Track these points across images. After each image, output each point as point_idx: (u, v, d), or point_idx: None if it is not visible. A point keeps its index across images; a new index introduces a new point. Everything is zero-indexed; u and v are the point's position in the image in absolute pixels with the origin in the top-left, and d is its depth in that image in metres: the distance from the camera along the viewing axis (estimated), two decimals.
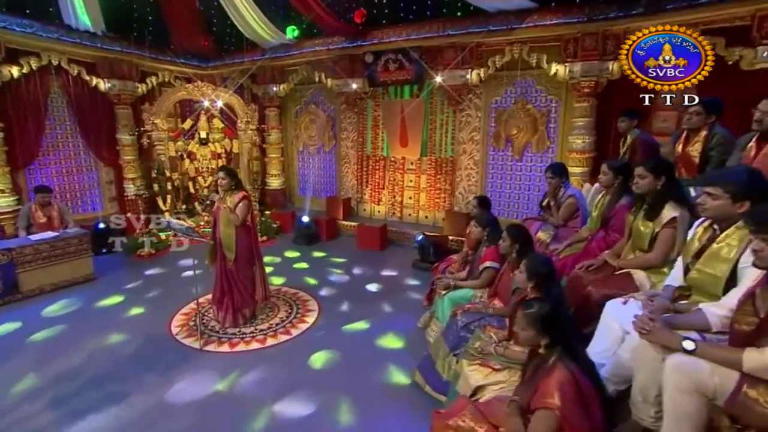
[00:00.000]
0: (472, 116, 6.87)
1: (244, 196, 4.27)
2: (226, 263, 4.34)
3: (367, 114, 7.94)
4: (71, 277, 5.41)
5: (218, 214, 4.28)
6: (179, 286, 5.52)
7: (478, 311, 3.43)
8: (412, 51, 6.68)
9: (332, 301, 5.08)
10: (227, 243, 4.26)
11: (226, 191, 4.28)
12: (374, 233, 7.05)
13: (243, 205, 4.22)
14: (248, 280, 4.48)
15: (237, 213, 4.18)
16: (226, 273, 4.38)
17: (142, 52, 7.68)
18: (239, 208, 4.20)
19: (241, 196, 4.24)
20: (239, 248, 4.29)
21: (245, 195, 4.28)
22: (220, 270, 4.39)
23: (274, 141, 8.64)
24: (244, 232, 4.32)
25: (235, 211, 4.19)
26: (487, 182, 6.98)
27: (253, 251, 4.44)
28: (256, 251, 4.47)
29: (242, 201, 4.22)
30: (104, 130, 7.62)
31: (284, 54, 7.81)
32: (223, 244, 4.29)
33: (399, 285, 5.65)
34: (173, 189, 7.52)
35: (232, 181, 4.27)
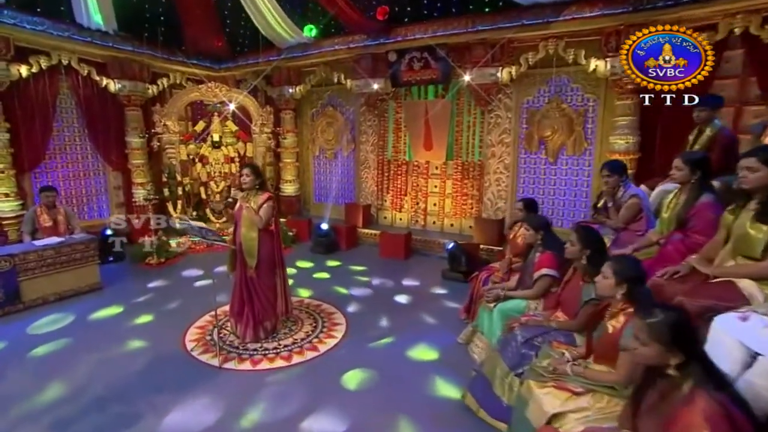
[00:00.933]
0: (501, 117, 6.55)
1: (270, 197, 3.94)
2: (247, 271, 3.99)
3: (389, 116, 7.65)
4: (76, 286, 5.08)
5: (240, 215, 3.94)
6: (192, 296, 5.18)
7: (538, 325, 3.05)
8: (439, 48, 6.39)
9: (360, 314, 4.71)
10: (249, 248, 3.91)
11: (249, 190, 3.95)
12: (398, 241, 6.69)
13: (268, 206, 3.89)
14: (270, 290, 4.13)
15: (261, 215, 3.85)
16: (246, 282, 4.03)
17: (154, 52, 7.47)
18: (263, 210, 3.87)
19: (266, 197, 3.92)
20: (262, 254, 3.94)
21: (270, 196, 3.96)
22: (240, 278, 4.04)
23: (289, 145, 8.36)
24: (267, 236, 3.98)
25: (259, 212, 3.86)
26: (519, 187, 6.63)
27: (276, 258, 4.10)
28: (279, 259, 4.13)
29: (267, 202, 3.89)
30: (113, 132, 7.39)
31: (301, 54, 7.57)
32: (243, 249, 3.94)
33: (430, 296, 5.29)
34: (184, 194, 7.22)
35: (257, 179, 3.95)
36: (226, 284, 5.43)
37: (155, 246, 6.23)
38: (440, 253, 6.70)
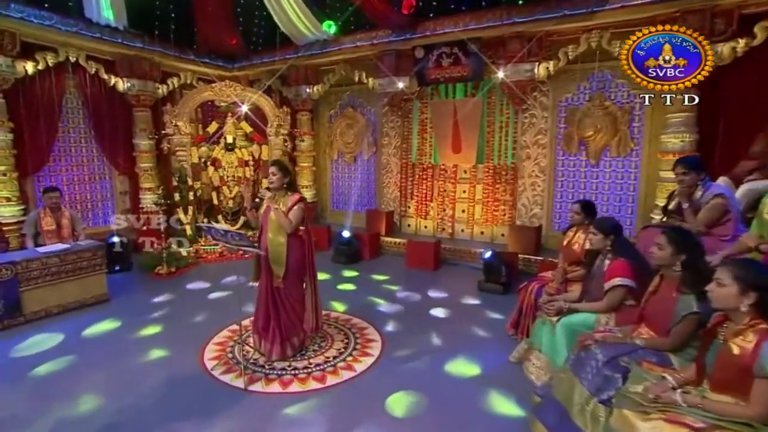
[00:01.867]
0: (537, 116, 6.26)
1: (300, 198, 3.64)
2: (273, 280, 3.67)
3: (413, 117, 7.38)
4: (81, 297, 4.78)
5: (267, 218, 3.64)
6: (207, 309, 4.86)
7: (618, 342, 2.70)
8: (471, 43, 6.13)
9: (395, 329, 4.37)
10: (276, 255, 3.60)
11: (277, 191, 3.65)
12: (427, 251, 6.36)
13: (298, 208, 3.59)
14: (298, 302, 3.80)
15: (290, 218, 3.54)
16: (272, 293, 3.70)
17: (165, 50, 7.27)
18: (293, 213, 3.57)
19: (297, 199, 3.61)
20: (290, 262, 3.62)
21: (301, 197, 3.66)
22: (266, 289, 3.72)
23: (305, 148, 8.10)
24: (296, 242, 3.67)
25: (288, 215, 3.55)
26: (556, 191, 6.32)
27: (306, 267, 3.78)
28: (311, 268, 3.80)
29: (297, 204, 3.59)
30: (120, 134, 7.19)
31: (320, 51, 7.34)
32: (270, 257, 3.63)
33: (468, 310, 4.95)
34: (195, 200, 6.94)
35: (285, 178, 3.65)
36: (242, 296, 5.19)
37: (165, 255, 5.93)
38: (472, 263, 6.39)
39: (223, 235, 3.40)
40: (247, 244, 3.34)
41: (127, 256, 6.11)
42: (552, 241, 6.33)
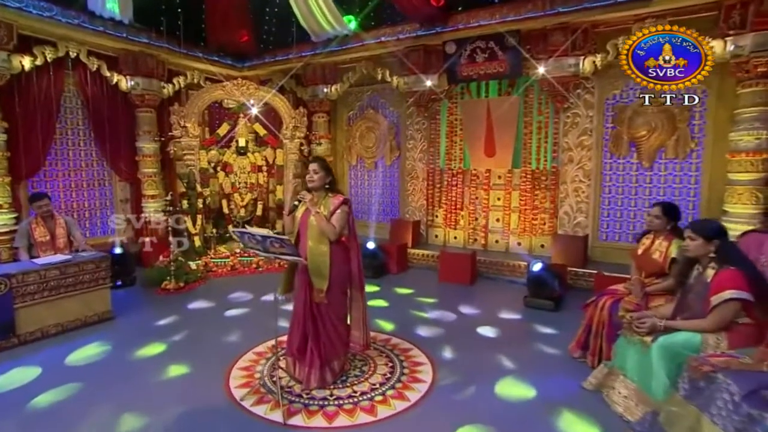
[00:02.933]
0: (581, 116, 5.96)
1: (345, 200, 3.29)
2: (313, 295, 3.28)
3: (441, 118, 7.09)
4: (83, 315, 4.38)
5: (305, 223, 3.27)
6: (226, 328, 4.46)
7: (748, 369, 2.32)
8: (509, 36, 5.85)
9: (443, 351, 3.98)
10: (317, 265, 3.22)
11: (318, 191, 3.30)
12: (462, 263, 5.99)
13: (342, 212, 3.23)
14: (340, 319, 3.42)
15: (334, 223, 3.18)
16: (311, 309, 3.32)
17: (172, 47, 6.97)
18: (337, 217, 3.21)
19: (341, 201, 3.26)
20: (334, 274, 3.25)
21: (346, 199, 3.31)
22: (303, 306, 3.33)
23: (322, 153, 7.76)
24: (340, 250, 3.30)
25: (332, 220, 3.20)
26: (603, 197, 5.99)
27: (350, 278, 3.41)
28: (358, 279, 3.43)
29: (341, 207, 3.24)
30: (123, 136, 6.87)
31: (340, 48, 7.05)
32: (310, 268, 3.25)
33: (518, 328, 4.58)
34: (204, 208, 6.57)
35: (327, 177, 3.30)
36: (259, 313, 4.84)
37: (173, 268, 5.53)
38: (511, 277, 6.02)
39: (259, 242, 3.02)
40: (292, 252, 2.96)
41: (130, 270, 5.72)
42: (599, 252, 5.98)
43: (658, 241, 3.56)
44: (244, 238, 3.13)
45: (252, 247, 3.15)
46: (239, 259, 6.44)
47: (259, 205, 6.97)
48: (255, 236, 3.02)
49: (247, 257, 6.50)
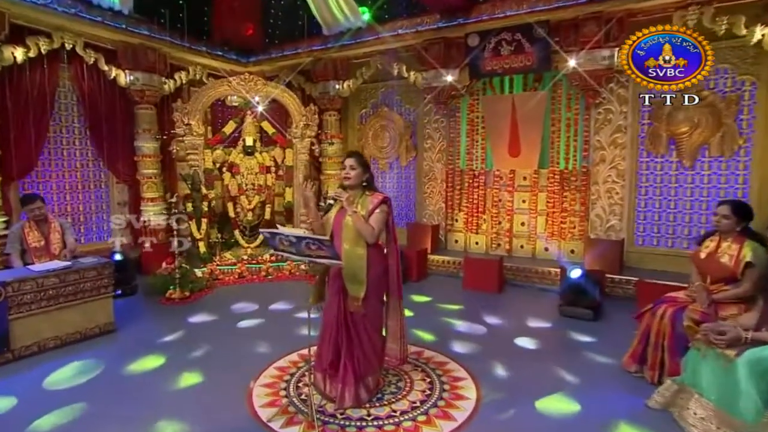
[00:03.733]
0: (614, 112, 5.80)
1: (384, 199, 3.08)
2: (348, 303, 3.07)
3: (461, 116, 6.92)
4: (83, 327, 4.12)
5: (340, 225, 3.06)
6: (242, 341, 4.24)
7: None
8: (538, 27, 5.70)
9: (482, 364, 3.76)
10: (353, 270, 3.00)
11: (354, 189, 3.09)
12: (489, 270, 5.78)
13: (381, 212, 3.02)
14: (376, 330, 3.21)
15: (373, 224, 2.97)
16: (344, 319, 3.10)
17: (174, 40, 6.78)
18: (376, 218, 3.00)
19: (380, 200, 3.05)
20: (371, 279, 3.04)
21: (385, 198, 3.09)
22: (337, 315, 3.11)
23: (332, 154, 7.57)
24: (377, 254, 3.09)
25: (370, 220, 2.98)
26: (638, 199, 5.82)
27: (387, 285, 3.19)
28: (397, 285, 3.23)
29: (380, 206, 3.03)
30: (121, 135, 6.65)
31: (354, 41, 6.88)
32: (345, 273, 3.04)
33: (558, 339, 4.39)
34: (210, 211, 6.34)
35: (365, 174, 3.10)
36: (273, 325, 4.60)
37: (178, 276, 5.29)
38: (542, 284, 5.87)
39: (293, 244, 2.79)
40: (331, 254, 2.72)
41: (130, 278, 5.47)
42: (634, 257, 5.80)
43: (725, 244, 3.35)
44: (275, 240, 2.91)
45: (283, 250, 2.92)
46: (247, 267, 6.20)
47: (267, 208, 6.74)
48: (288, 237, 2.79)
49: (256, 264, 6.27)
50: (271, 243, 2.97)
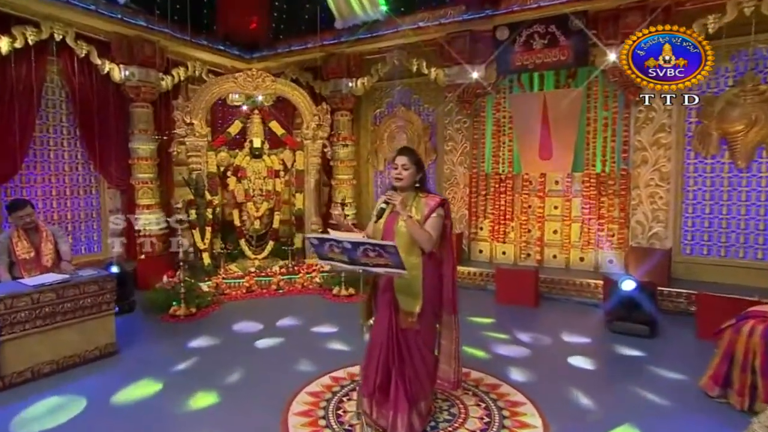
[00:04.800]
0: (657, 110, 5.64)
1: (442, 201, 2.85)
2: (399, 320, 2.82)
3: (486, 115, 6.77)
4: (83, 350, 3.82)
5: (391, 231, 2.82)
6: (264, 363, 3.99)
7: None
8: (575, 18, 5.56)
9: (539, 387, 3.52)
10: (407, 282, 2.76)
11: (406, 191, 2.86)
12: (525, 282, 5.57)
13: (437, 216, 2.79)
14: (430, 349, 2.96)
15: (430, 230, 2.75)
16: (396, 337, 2.85)
17: (173, 32, 6.55)
18: (432, 223, 2.77)
19: (437, 202, 2.82)
20: (426, 291, 2.80)
21: (443, 200, 2.87)
22: (387, 333, 2.85)
23: (344, 157, 7.35)
24: (433, 264, 2.86)
25: (426, 226, 2.76)
26: (685, 204, 5.66)
27: (442, 299, 2.95)
28: (452, 299, 2.98)
29: (437, 210, 2.80)
30: (114, 136, 6.39)
31: (369, 35, 6.71)
32: (396, 286, 2.80)
33: (618, 359, 4.15)
34: (213, 219, 6.07)
35: (418, 173, 2.87)
36: (299, 344, 4.35)
37: (183, 291, 5.00)
38: (582, 297, 5.69)
39: (346, 251, 2.53)
40: (395, 263, 2.47)
41: (128, 293, 5.16)
42: (681, 268, 5.63)
43: None
44: (323, 247, 2.65)
45: (331, 258, 2.67)
46: (256, 280, 5.91)
47: (276, 216, 6.48)
48: (342, 244, 2.54)
49: (265, 277, 5.99)
50: (317, 250, 2.71)
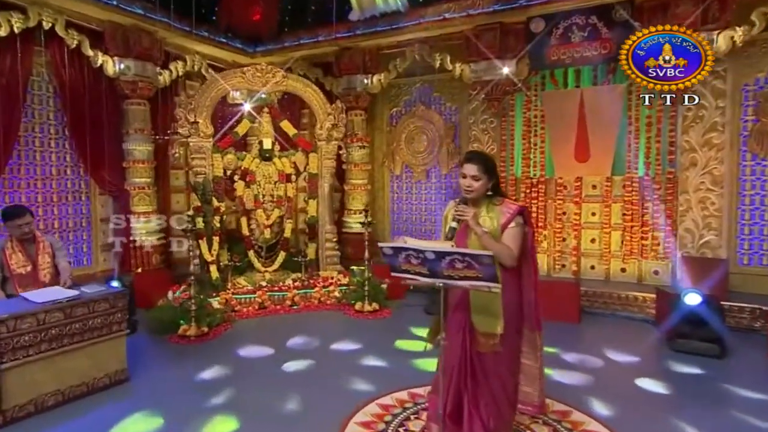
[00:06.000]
0: (708, 107, 5.55)
1: (520, 209, 2.67)
2: (476, 342, 2.62)
3: (516, 114, 6.65)
4: (91, 377, 3.54)
5: (463, 243, 2.63)
6: (295, 389, 3.73)
7: None
8: (620, 8, 5.47)
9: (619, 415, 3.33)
10: (484, 301, 2.55)
11: (478, 200, 2.67)
12: (566, 295, 5.43)
13: (516, 227, 2.61)
14: (511, 373, 2.76)
15: (509, 243, 2.57)
16: (471, 361, 2.65)
17: (172, 22, 6.31)
18: (512, 235, 2.59)
19: (515, 210, 2.63)
20: (507, 310, 2.60)
21: (522, 208, 2.69)
22: (461, 356, 2.65)
23: (358, 160, 7.15)
24: (511, 278, 2.66)
25: (503, 238, 2.58)
26: (741, 210, 5.57)
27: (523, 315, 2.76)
28: (535, 314, 2.79)
29: (516, 219, 2.62)
30: (107, 135, 6.12)
31: (388, 28, 6.54)
32: (472, 304, 2.61)
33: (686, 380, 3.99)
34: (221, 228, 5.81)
35: (490, 181, 2.67)
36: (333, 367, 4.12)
37: (195, 308, 4.72)
38: (625, 312, 5.62)
39: (427, 261, 2.31)
40: (488, 275, 2.26)
41: (130, 311, 4.84)
42: (737, 280, 5.49)
43: None
44: (397, 258, 2.43)
45: (407, 270, 2.45)
46: (268, 295, 5.65)
47: (288, 224, 6.24)
48: (424, 254, 2.32)
49: (279, 292, 5.73)
50: (390, 261, 2.48)
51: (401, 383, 3.72)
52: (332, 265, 6.44)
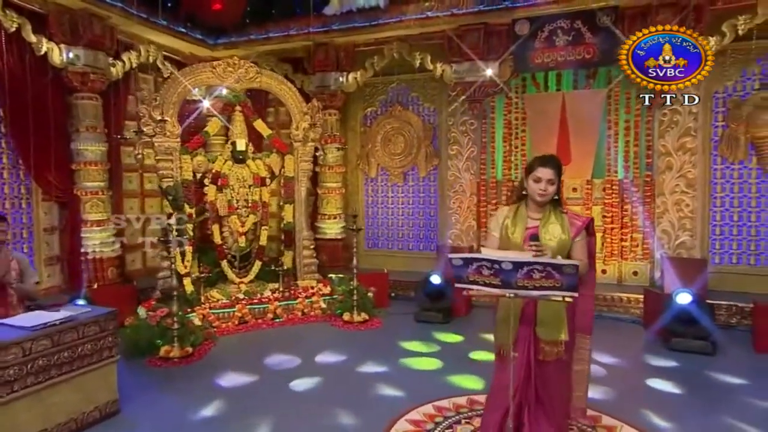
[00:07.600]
0: (682, 113, 5.86)
1: (589, 221, 2.75)
2: (541, 351, 2.59)
3: (496, 116, 6.75)
4: (80, 412, 3.14)
5: None
6: (311, 410, 3.58)
7: None
8: (603, 14, 5.68)
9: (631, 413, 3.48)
10: (551, 312, 2.56)
11: (542, 205, 2.64)
12: None
13: (583, 239, 2.67)
14: (567, 378, 2.79)
15: (580, 255, 2.60)
16: (533, 371, 2.63)
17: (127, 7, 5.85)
18: (580, 247, 2.64)
19: (583, 223, 2.67)
20: (571, 317, 2.65)
21: (588, 222, 2.75)
22: (526, 367, 2.61)
23: (332, 162, 6.94)
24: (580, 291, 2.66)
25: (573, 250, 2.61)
26: (712, 211, 5.96)
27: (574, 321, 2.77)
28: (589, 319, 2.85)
29: (586, 228, 2.68)
30: (53, 134, 5.57)
31: (366, 24, 6.41)
32: (540, 315, 2.59)
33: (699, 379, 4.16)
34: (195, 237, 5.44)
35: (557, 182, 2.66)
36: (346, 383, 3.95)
37: (177, 327, 4.36)
38: (609, 312, 5.87)
39: (500, 272, 2.21)
40: (569, 284, 2.21)
41: None
42: (711, 278, 5.81)
43: None
44: (466, 269, 2.32)
45: (475, 281, 2.34)
46: (249, 308, 5.34)
47: (263, 231, 5.92)
48: (499, 264, 2.22)
49: (258, 305, 5.43)
50: (457, 273, 2.36)
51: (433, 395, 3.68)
52: (310, 273, 6.20)
